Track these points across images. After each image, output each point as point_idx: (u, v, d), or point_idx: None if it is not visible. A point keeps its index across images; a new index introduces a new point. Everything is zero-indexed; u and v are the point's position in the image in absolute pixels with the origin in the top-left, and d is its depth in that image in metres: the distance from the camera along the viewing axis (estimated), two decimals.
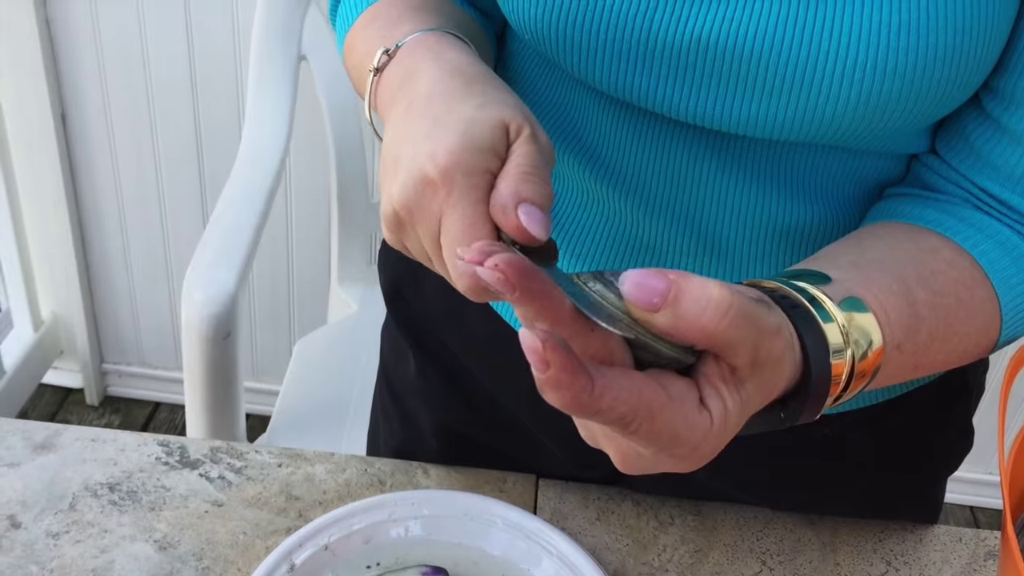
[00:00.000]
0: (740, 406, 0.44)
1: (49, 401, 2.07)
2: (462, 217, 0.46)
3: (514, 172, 0.47)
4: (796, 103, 0.54)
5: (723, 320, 0.41)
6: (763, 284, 0.50)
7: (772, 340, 0.44)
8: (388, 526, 0.71)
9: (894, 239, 0.57)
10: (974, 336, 0.57)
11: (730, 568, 0.73)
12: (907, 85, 0.53)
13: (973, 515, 2.04)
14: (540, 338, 0.38)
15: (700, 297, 0.41)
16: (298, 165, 1.77)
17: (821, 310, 0.48)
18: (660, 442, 0.42)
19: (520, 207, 0.45)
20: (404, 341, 0.81)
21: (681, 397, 0.42)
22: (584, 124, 0.64)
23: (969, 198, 0.59)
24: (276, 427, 1.27)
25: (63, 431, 0.78)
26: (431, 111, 0.49)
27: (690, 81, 0.56)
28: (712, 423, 0.43)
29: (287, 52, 1.31)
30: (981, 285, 0.56)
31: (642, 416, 0.41)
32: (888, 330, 0.51)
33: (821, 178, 0.62)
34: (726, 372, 0.43)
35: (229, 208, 1.19)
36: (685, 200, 0.62)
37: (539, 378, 0.39)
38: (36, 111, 1.74)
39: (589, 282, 0.43)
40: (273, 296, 1.94)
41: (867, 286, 0.51)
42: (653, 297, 0.41)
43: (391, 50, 0.55)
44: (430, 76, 0.51)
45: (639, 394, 0.41)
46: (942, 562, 0.75)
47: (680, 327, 0.41)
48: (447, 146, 0.47)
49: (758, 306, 0.43)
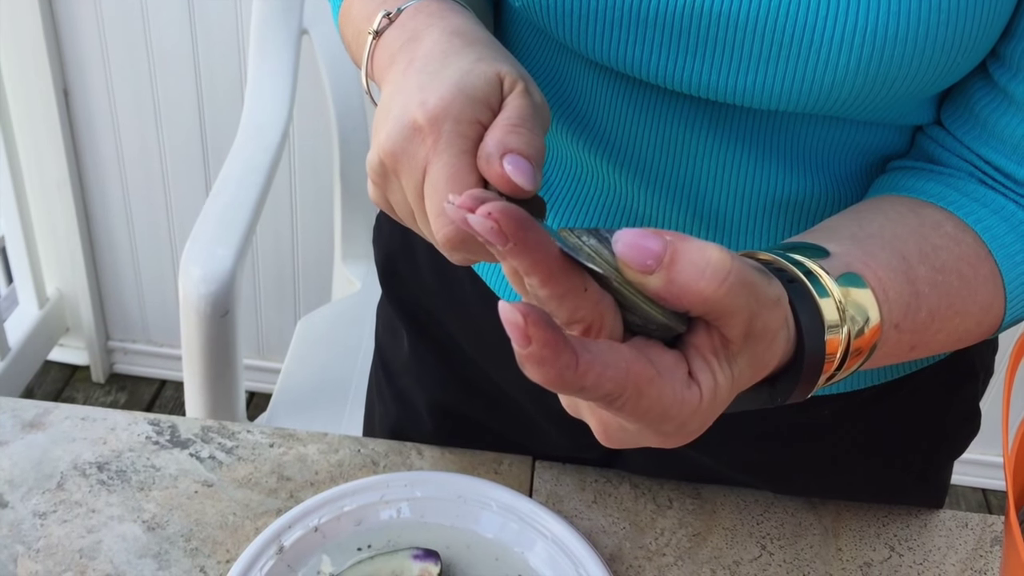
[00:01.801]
0: (730, 381, 0.42)
1: (55, 378, 2.07)
2: (447, 165, 0.44)
3: (503, 123, 0.45)
4: (793, 71, 0.52)
5: (721, 286, 0.39)
6: (758, 256, 0.48)
7: (770, 311, 0.42)
8: (380, 508, 0.69)
9: (896, 213, 0.55)
10: (976, 315, 0.55)
11: (729, 552, 0.72)
12: (909, 52, 0.51)
13: (985, 498, 2.02)
14: (521, 311, 0.36)
15: (698, 260, 0.39)
16: (301, 141, 1.75)
17: (817, 284, 0.46)
18: (647, 419, 0.40)
19: (506, 157, 0.44)
20: (398, 319, 0.80)
21: (670, 371, 0.40)
22: (579, 96, 0.62)
23: (974, 172, 0.57)
24: (277, 406, 1.26)
25: (53, 409, 0.77)
26: (428, 67, 0.48)
27: (684, 49, 0.54)
28: (701, 398, 0.41)
29: (288, 26, 1.29)
30: (985, 262, 0.54)
31: (629, 393, 0.39)
32: (886, 307, 0.49)
33: (822, 150, 0.60)
34: (717, 343, 0.41)
35: (229, 184, 1.17)
36: (681, 172, 0.61)
37: (520, 353, 0.37)
38: (38, 88, 1.73)
39: (583, 236, 0.41)
40: (278, 273, 1.93)
41: (866, 261, 0.50)
42: (647, 258, 0.38)
43: (392, 14, 0.53)
44: (432, 38, 0.49)
45: (626, 370, 0.38)
46: (947, 547, 0.73)
47: (675, 291, 0.39)
48: (439, 94, 0.45)
49: (758, 274, 0.41)
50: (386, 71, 0.52)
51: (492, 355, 0.75)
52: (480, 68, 0.47)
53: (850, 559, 0.72)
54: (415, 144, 0.45)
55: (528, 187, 0.43)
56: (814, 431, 0.72)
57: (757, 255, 0.48)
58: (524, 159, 0.44)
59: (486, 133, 0.45)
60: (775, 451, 0.73)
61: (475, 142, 0.45)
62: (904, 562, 0.72)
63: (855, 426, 0.72)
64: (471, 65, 0.47)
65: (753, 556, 0.72)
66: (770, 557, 0.72)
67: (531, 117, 0.46)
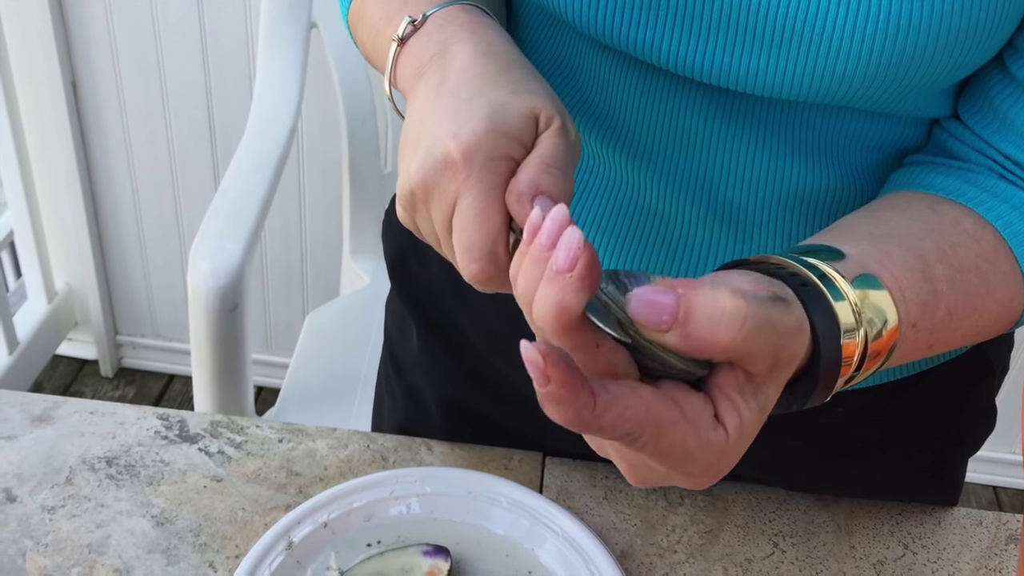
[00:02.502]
0: (758, 412, 0.42)
1: (64, 373, 2.07)
2: (476, 201, 0.45)
3: (536, 162, 0.45)
4: (805, 58, 0.52)
5: (739, 333, 0.39)
6: (771, 260, 0.48)
7: (793, 341, 0.42)
8: (389, 503, 0.69)
9: (913, 210, 0.54)
10: (995, 310, 0.54)
11: (741, 549, 0.71)
12: (922, 42, 0.50)
13: (996, 495, 2.01)
14: (541, 351, 0.37)
15: (713, 312, 0.39)
16: (310, 135, 1.75)
17: (832, 288, 0.45)
18: (670, 460, 0.41)
19: (536, 199, 0.44)
20: (407, 313, 0.79)
21: (695, 414, 0.40)
22: (591, 85, 0.61)
23: (993, 166, 0.57)
24: (285, 401, 1.26)
25: (62, 404, 0.77)
26: (460, 92, 0.47)
27: (695, 33, 0.53)
28: (727, 439, 0.41)
29: (297, 20, 1.29)
30: (1005, 258, 0.54)
31: (649, 434, 0.39)
32: (903, 307, 0.49)
33: (837, 142, 0.59)
34: (742, 380, 0.41)
35: (237, 178, 1.17)
36: (695, 164, 0.60)
37: (540, 392, 0.38)
38: (47, 81, 1.73)
39: (603, 282, 0.41)
40: (287, 268, 1.93)
41: (882, 261, 0.49)
42: (662, 315, 0.39)
43: (417, 20, 0.52)
44: (464, 56, 0.49)
45: (645, 411, 0.39)
46: (961, 546, 0.72)
47: (693, 345, 0.39)
48: (472, 127, 0.45)
49: (775, 307, 0.41)
50: (414, 82, 0.51)
51: (502, 350, 0.74)
52: (515, 102, 0.46)
53: (863, 557, 0.71)
54: (446, 178, 0.46)
55: None
56: (827, 428, 0.71)
57: (770, 259, 0.48)
58: (552, 203, 0.44)
59: (519, 169, 0.45)
60: (788, 448, 0.73)
61: (506, 178, 0.45)
62: (918, 560, 0.71)
63: (869, 423, 0.71)
64: (506, 98, 0.46)
65: (765, 553, 0.71)
66: (782, 555, 0.71)
67: (564, 158, 0.46)
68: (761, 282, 0.43)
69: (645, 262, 0.64)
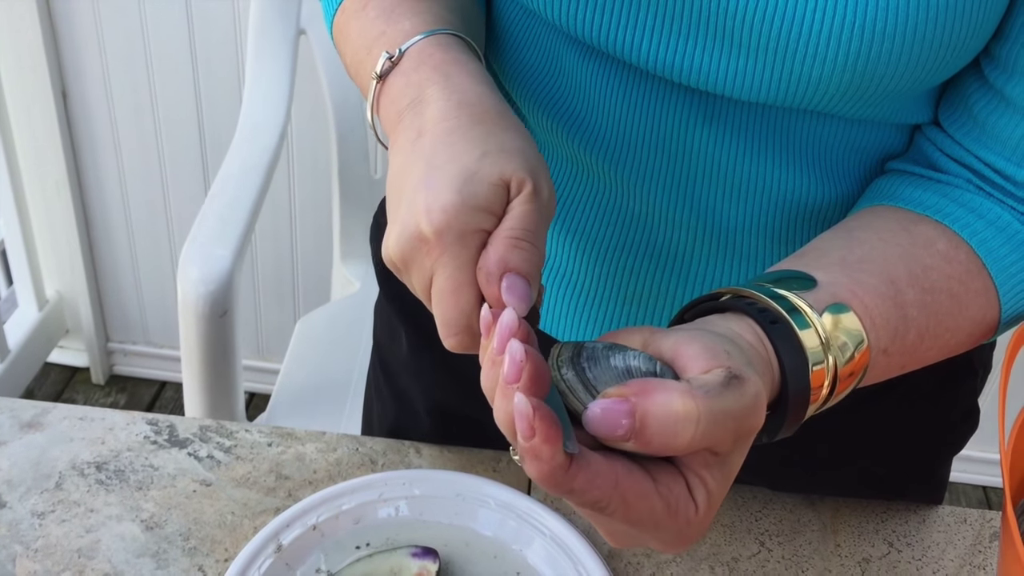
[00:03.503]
0: (724, 481, 0.43)
1: (55, 380, 2.07)
2: (449, 279, 0.46)
3: (505, 236, 0.46)
4: (781, 63, 0.52)
5: (696, 434, 0.40)
6: (742, 292, 0.49)
7: (752, 416, 0.43)
8: (378, 506, 0.69)
9: (888, 232, 0.55)
10: (967, 328, 0.56)
11: (728, 549, 0.72)
12: (897, 49, 0.51)
13: (985, 495, 2.02)
14: (532, 404, 0.39)
15: (666, 420, 0.40)
16: (300, 141, 1.75)
17: (801, 320, 0.47)
18: (639, 527, 0.42)
19: (504, 278, 0.45)
20: (396, 318, 0.80)
21: (667, 486, 0.42)
22: (572, 90, 0.62)
23: (972, 178, 0.57)
24: (276, 406, 1.26)
25: (51, 409, 0.77)
26: (435, 154, 0.48)
27: (674, 33, 0.54)
28: (697, 511, 0.43)
29: (286, 26, 1.29)
30: (977, 277, 0.55)
31: (616, 503, 0.41)
32: (874, 335, 0.50)
33: (818, 147, 0.60)
34: (708, 458, 0.43)
35: (227, 184, 1.17)
36: (676, 168, 0.61)
37: (522, 445, 0.39)
38: (37, 90, 1.73)
39: (563, 368, 0.44)
40: (277, 273, 1.93)
41: (853, 290, 0.50)
42: (616, 430, 0.40)
43: (394, 56, 0.53)
44: (438, 108, 0.50)
45: (615, 481, 0.41)
46: (945, 543, 0.73)
47: (653, 451, 0.41)
48: (442, 204, 0.46)
49: (728, 393, 0.42)
50: (394, 128, 0.52)
51: None
52: (485, 171, 0.47)
53: (848, 555, 0.72)
54: (421, 254, 0.47)
55: (523, 311, 0.44)
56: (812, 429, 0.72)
57: (740, 291, 0.49)
58: (522, 279, 0.45)
59: (488, 245, 0.46)
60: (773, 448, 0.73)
61: (478, 251, 0.47)
62: (903, 558, 0.72)
63: (854, 423, 0.72)
64: (476, 165, 0.47)
65: (752, 552, 0.72)
66: (768, 553, 0.72)
67: (534, 225, 0.47)
68: (716, 357, 0.43)
69: (628, 267, 0.65)
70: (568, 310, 0.68)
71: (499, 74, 0.66)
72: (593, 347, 0.45)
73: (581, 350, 0.44)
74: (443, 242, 0.46)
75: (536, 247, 0.47)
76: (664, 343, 0.44)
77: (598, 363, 0.44)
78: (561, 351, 0.45)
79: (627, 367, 0.44)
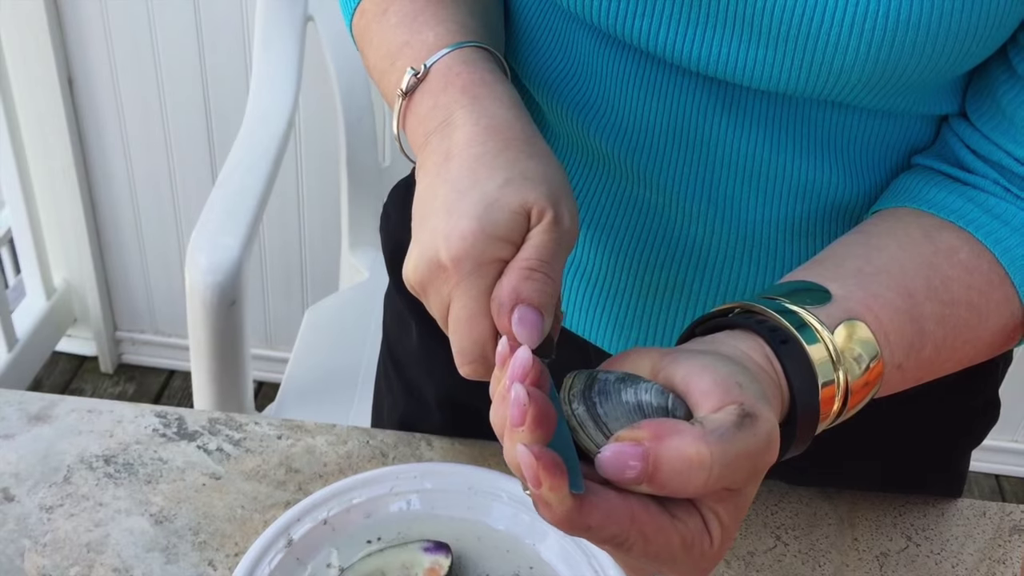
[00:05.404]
0: (737, 513, 0.43)
1: (63, 369, 2.07)
2: (464, 308, 0.46)
3: (520, 267, 0.46)
4: (803, 53, 0.51)
5: (709, 479, 0.40)
6: (753, 308, 0.49)
7: (765, 455, 0.42)
8: (389, 500, 0.69)
9: (909, 239, 0.54)
10: (987, 339, 0.55)
11: (743, 543, 0.71)
12: (921, 38, 0.50)
13: (998, 484, 2.00)
14: (535, 453, 0.38)
15: (678, 466, 0.40)
16: (308, 129, 1.74)
17: (811, 336, 0.47)
18: (658, 561, 0.42)
19: (516, 310, 0.45)
20: (406, 309, 0.79)
21: (682, 520, 0.42)
22: (590, 80, 0.61)
23: (1000, 179, 0.56)
24: (285, 396, 1.26)
25: (59, 402, 0.76)
26: (460, 179, 0.48)
27: (694, 22, 0.53)
28: (712, 544, 0.42)
29: (293, 13, 1.28)
30: (999, 287, 0.54)
31: (634, 538, 0.41)
32: (888, 351, 0.50)
33: (841, 139, 0.58)
34: (723, 494, 0.42)
35: (234, 173, 1.16)
36: (695, 159, 0.59)
37: (532, 493, 0.39)
38: (43, 77, 1.72)
39: (574, 402, 0.43)
40: (285, 262, 1.92)
41: (869, 304, 0.50)
42: (627, 473, 0.40)
43: (419, 73, 0.53)
44: (466, 133, 0.50)
45: (631, 517, 0.40)
46: (965, 537, 0.72)
47: (666, 493, 0.41)
48: (461, 231, 0.46)
49: (741, 434, 0.41)
50: (421, 150, 0.52)
51: None
52: (506, 199, 0.47)
53: (866, 549, 0.71)
54: (439, 280, 0.47)
55: (533, 343, 0.44)
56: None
57: (752, 307, 0.49)
58: (534, 311, 0.45)
59: (503, 275, 0.46)
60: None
61: (495, 280, 0.46)
62: (921, 552, 0.71)
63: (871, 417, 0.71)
64: (498, 192, 0.47)
65: (768, 547, 0.71)
66: (785, 548, 0.71)
67: (550, 255, 0.46)
68: (729, 392, 0.43)
69: (646, 260, 0.64)
70: (585, 302, 0.67)
71: (516, 64, 0.65)
72: (605, 379, 0.44)
73: (593, 383, 0.44)
74: (460, 270, 0.46)
75: (551, 278, 0.46)
76: (676, 373, 0.44)
77: (609, 398, 0.43)
78: (573, 383, 0.44)
79: (638, 402, 0.43)
